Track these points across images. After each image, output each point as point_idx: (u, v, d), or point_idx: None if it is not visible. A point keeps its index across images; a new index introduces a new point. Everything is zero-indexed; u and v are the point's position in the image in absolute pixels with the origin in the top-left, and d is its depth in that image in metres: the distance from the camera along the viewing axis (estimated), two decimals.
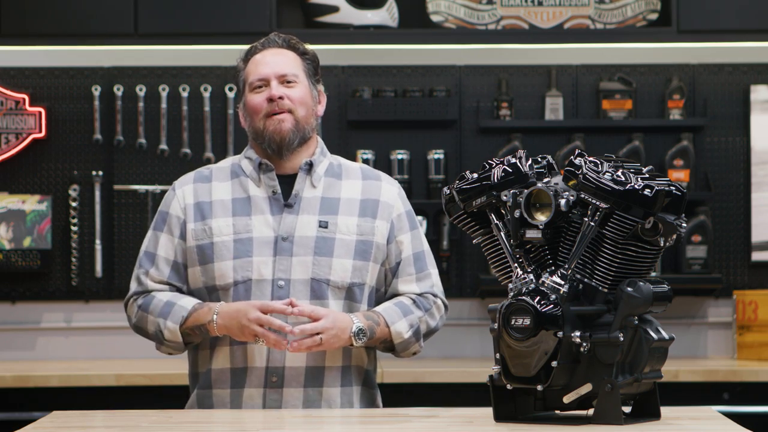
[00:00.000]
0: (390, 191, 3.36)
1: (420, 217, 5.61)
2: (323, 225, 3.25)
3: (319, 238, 3.24)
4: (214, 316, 3.17)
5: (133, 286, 3.31)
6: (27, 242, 5.66)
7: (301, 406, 3.20)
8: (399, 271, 3.31)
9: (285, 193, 3.28)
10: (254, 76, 3.29)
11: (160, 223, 3.32)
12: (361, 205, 3.31)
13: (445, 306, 3.38)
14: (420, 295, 3.32)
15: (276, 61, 3.30)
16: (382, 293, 3.34)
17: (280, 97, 3.26)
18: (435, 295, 3.34)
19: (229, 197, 3.28)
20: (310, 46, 3.39)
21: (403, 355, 3.32)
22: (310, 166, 3.30)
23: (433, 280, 3.35)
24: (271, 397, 3.20)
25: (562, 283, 2.79)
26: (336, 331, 3.14)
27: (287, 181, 3.29)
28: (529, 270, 2.84)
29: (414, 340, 3.28)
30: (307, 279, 3.22)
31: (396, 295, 3.32)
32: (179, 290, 3.29)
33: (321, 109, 3.37)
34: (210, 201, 3.29)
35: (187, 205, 3.30)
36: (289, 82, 3.28)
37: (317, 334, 3.12)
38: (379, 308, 3.27)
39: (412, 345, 3.29)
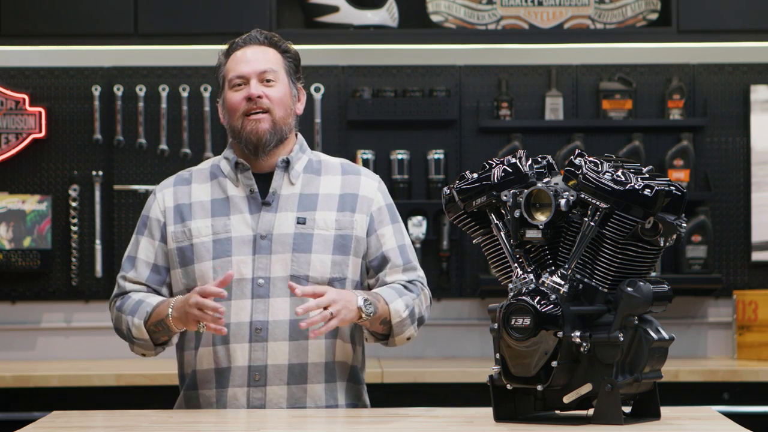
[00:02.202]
0: (369, 185, 3.34)
1: (420, 217, 5.62)
2: (301, 221, 3.24)
3: (297, 234, 3.23)
4: (170, 310, 3.16)
5: (114, 291, 3.34)
6: (27, 242, 5.66)
7: (286, 403, 3.20)
8: (385, 263, 3.29)
9: (263, 192, 3.27)
10: (234, 73, 3.28)
11: (141, 227, 3.33)
12: (340, 200, 3.29)
13: (430, 299, 3.36)
14: (409, 281, 3.31)
15: (256, 59, 3.28)
16: (366, 287, 3.32)
17: (259, 96, 3.24)
18: (423, 285, 3.33)
19: (208, 198, 3.28)
20: (294, 46, 3.37)
21: (398, 341, 3.27)
22: (287, 164, 3.29)
23: (419, 273, 3.34)
24: (254, 395, 3.20)
25: (562, 283, 2.79)
26: (343, 302, 3.10)
27: (265, 180, 3.29)
28: (529, 270, 2.84)
29: (410, 321, 3.25)
30: (286, 276, 3.21)
31: (384, 284, 3.31)
32: (157, 293, 3.29)
33: (300, 107, 3.35)
34: (189, 203, 3.29)
35: (167, 208, 3.30)
36: (268, 80, 3.26)
37: (325, 309, 3.07)
38: (374, 290, 3.26)
39: (408, 327, 3.25)
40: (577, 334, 2.76)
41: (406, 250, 3.33)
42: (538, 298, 2.77)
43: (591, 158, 2.81)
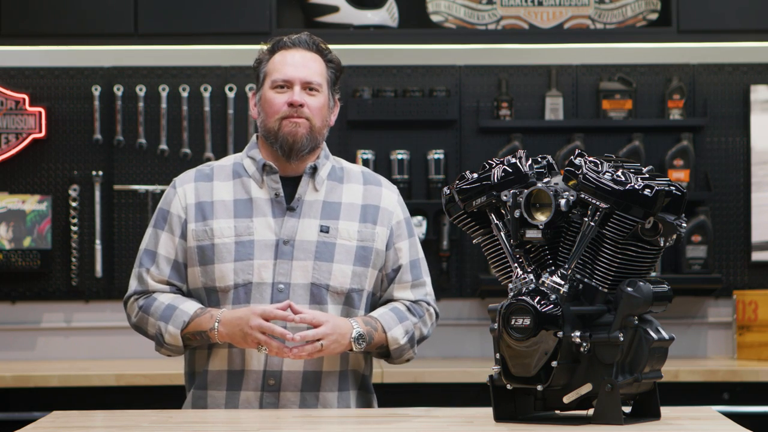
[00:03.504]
0: (390, 198, 3.35)
1: (420, 217, 5.62)
2: (324, 230, 3.24)
3: (320, 242, 3.23)
4: (216, 324, 3.16)
5: (134, 285, 3.29)
6: (27, 242, 5.66)
7: (298, 409, 3.20)
8: (396, 277, 3.31)
9: (287, 196, 3.26)
10: (279, 75, 3.25)
11: (160, 222, 3.30)
12: (362, 210, 3.29)
13: (437, 314, 3.38)
14: (414, 302, 3.32)
15: (304, 65, 3.25)
16: (378, 298, 3.33)
17: (301, 105, 3.23)
18: (428, 303, 3.35)
19: (231, 198, 3.26)
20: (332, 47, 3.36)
21: (397, 362, 3.32)
22: (314, 170, 3.29)
23: (427, 289, 3.36)
24: (267, 400, 3.20)
25: (562, 283, 2.79)
26: (336, 336, 3.14)
27: (289, 184, 3.28)
28: (529, 270, 2.84)
29: (408, 346, 3.29)
30: (306, 283, 3.21)
31: (390, 300, 3.32)
32: (179, 290, 3.28)
33: (333, 118, 3.35)
34: (211, 201, 3.27)
35: (188, 204, 3.27)
36: (311, 89, 3.26)
37: (318, 340, 3.12)
38: (375, 314, 3.27)
39: (407, 351, 3.29)
40: (577, 334, 2.76)
41: (418, 265, 3.35)
42: (538, 298, 2.77)
43: (591, 158, 2.81)
